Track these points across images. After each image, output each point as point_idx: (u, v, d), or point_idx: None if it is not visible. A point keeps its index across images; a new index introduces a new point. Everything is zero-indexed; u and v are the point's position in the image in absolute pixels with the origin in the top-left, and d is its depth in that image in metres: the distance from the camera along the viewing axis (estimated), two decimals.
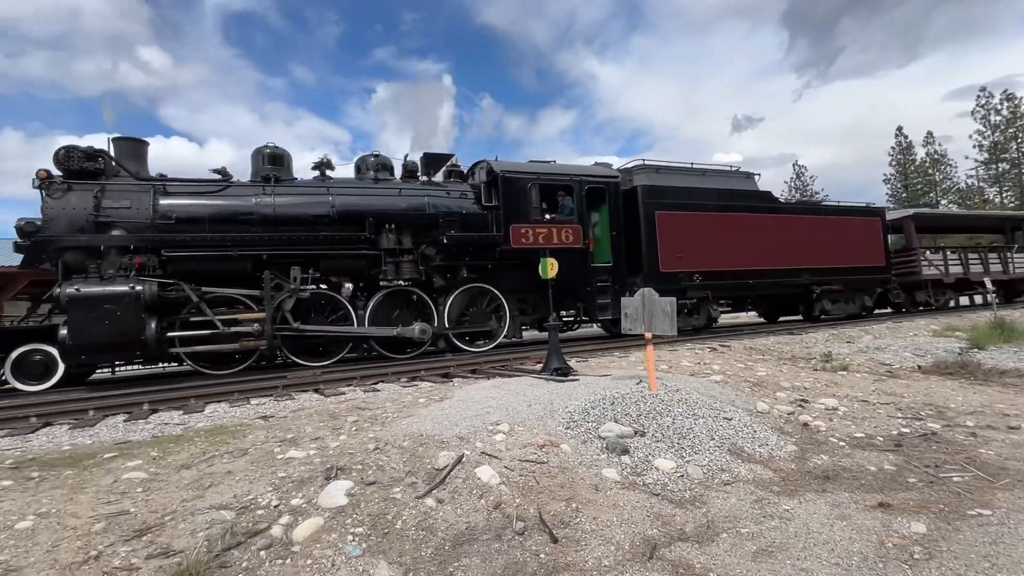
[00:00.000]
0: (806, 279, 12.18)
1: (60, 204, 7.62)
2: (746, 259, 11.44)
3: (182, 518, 2.36)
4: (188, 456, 3.29)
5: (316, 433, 3.68)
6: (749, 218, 11.66)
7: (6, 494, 2.69)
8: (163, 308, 7.57)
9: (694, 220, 11.01)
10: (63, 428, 4.45)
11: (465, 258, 9.28)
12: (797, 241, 12.07)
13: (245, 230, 8.23)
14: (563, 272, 9.43)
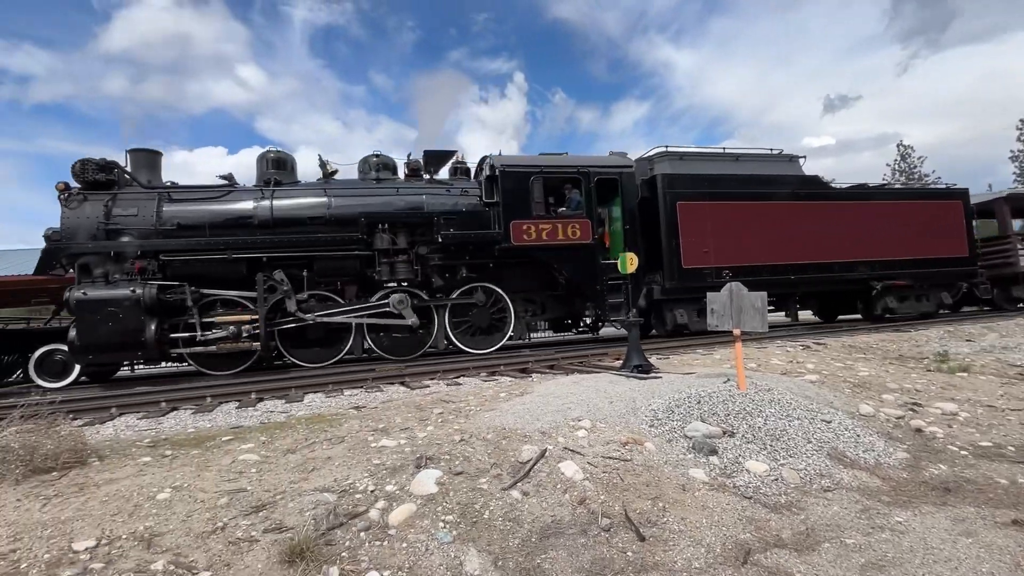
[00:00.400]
0: (863, 273, 10.81)
1: (76, 214, 8.16)
2: (786, 252, 10.38)
3: (291, 498, 2.57)
4: (292, 441, 3.57)
5: (405, 424, 3.86)
6: (791, 206, 10.57)
7: (147, 468, 3.07)
8: (164, 310, 7.94)
9: (723, 210, 10.09)
10: (187, 412, 4.99)
11: (465, 257, 9.11)
12: (850, 230, 10.81)
13: (245, 234, 8.42)
14: (570, 270, 9.35)
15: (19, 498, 2.66)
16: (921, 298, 11.52)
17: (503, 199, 9.02)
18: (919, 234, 11.31)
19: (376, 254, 8.81)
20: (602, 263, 9.36)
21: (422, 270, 9.01)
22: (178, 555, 2.08)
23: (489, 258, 9.17)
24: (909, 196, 12.04)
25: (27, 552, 2.11)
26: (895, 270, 11.09)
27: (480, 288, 9.27)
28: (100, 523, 2.34)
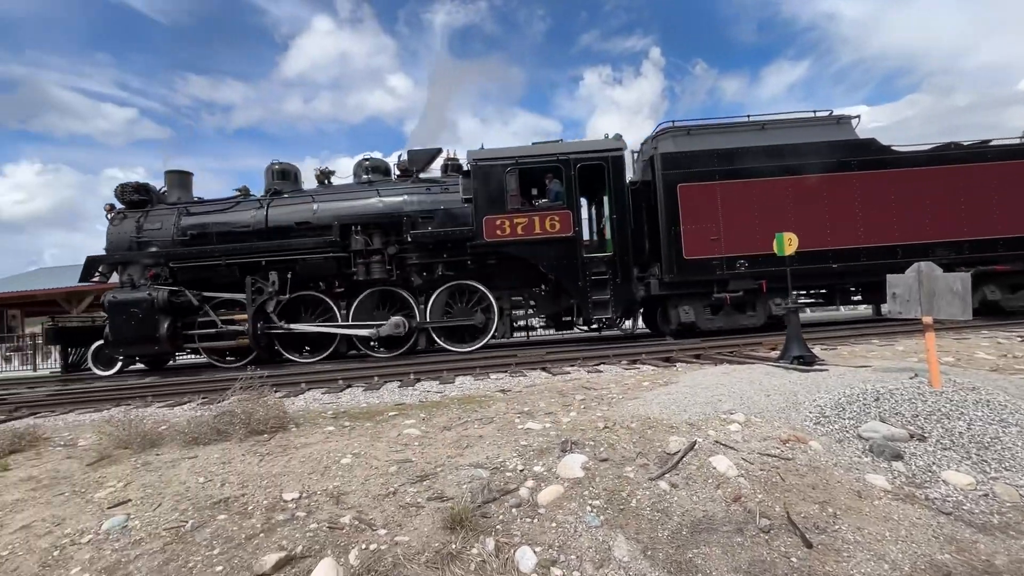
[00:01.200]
0: (943, 257, 8.53)
1: (117, 229, 9.48)
2: (828, 235, 8.59)
3: (449, 471, 2.81)
4: (447, 419, 3.88)
5: (549, 408, 3.98)
6: (835, 179, 8.67)
7: (332, 436, 3.57)
8: (177, 311, 8.95)
9: (739, 189, 8.65)
10: (359, 389, 5.67)
11: (443, 255, 9.01)
12: (923, 204, 8.64)
13: (243, 241, 9.15)
14: (549, 265, 8.78)
15: (243, 453, 3.28)
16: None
17: (476, 194, 8.83)
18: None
19: (352, 255, 9.10)
20: (585, 257, 8.78)
21: (398, 269, 9.16)
22: (360, 512, 2.40)
23: (467, 256, 9.01)
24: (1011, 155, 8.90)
25: (251, 497, 2.59)
26: (994, 251, 8.64)
27: (464, 286, 9.23)
28: (301, 479, 2.78)
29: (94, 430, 4.28)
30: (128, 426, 3.67)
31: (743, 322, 8.83)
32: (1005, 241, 8.64)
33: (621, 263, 8.82)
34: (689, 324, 8.82)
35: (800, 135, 8.98)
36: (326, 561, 2.04)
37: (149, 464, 3.19)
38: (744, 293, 8.67)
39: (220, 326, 9.14)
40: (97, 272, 9.90)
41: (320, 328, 9.19)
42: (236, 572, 2.02)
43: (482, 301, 9.25)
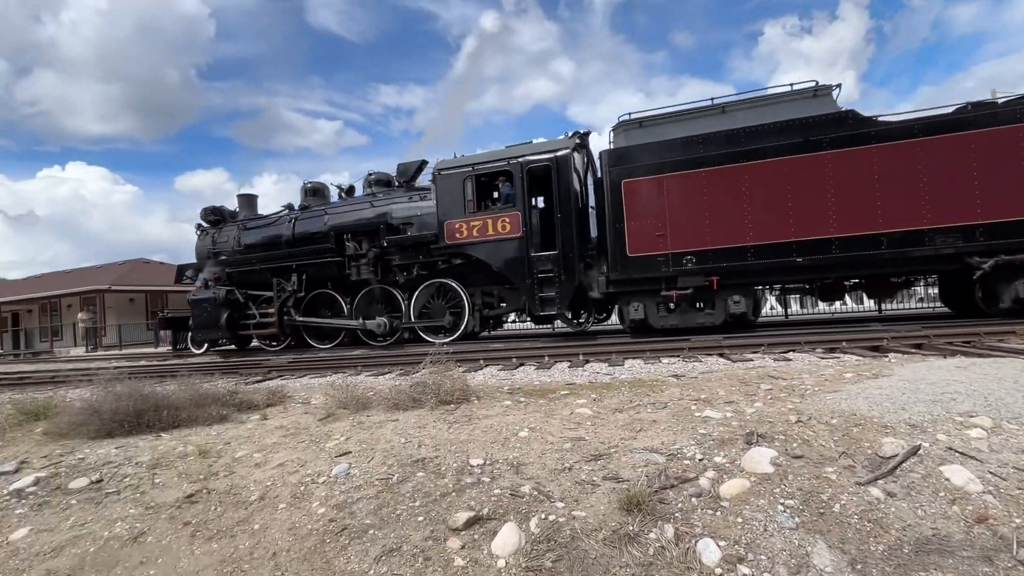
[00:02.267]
0: (946, 246, 7.04)
1: (201, 242, 12.24)
2: (791, 225, 7.52)
3: (622, 453, 2.79)
4: (618, 402, 3.86)
5: (729, 397, 3.70)
6: (799, 162, 7.49)
7: (510, 410, 3.80)
8: (233, 306, 11.35)
9: (687, 182, 7.99)
10: (531, 368, 5.93)
11: (419, 257, 9.95)
12: (915, 183, 7.10)
13: (280, 249, 11.16)
14: (500, 264, 9.21)
15: (434, 420, 3.67)
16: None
17: (438, 200, 9.63)
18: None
19: (346, 259, 10.57)
20: (532, 255, 8.99)
21: (383, 270, 10.38)
22: (539, 484, 2.52)
23: (439, 257, 9.85)
24: None
25: (443, 459, 2.89)
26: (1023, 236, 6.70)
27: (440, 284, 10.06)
28: (484, 448, 3.02)
29: (322, 392, 5.17)
30: (346, 390, 4.37)
31: (700, 320, 8.25)
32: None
33: (566, 261, 8.88)
34: (640, 321, 8.48)
35: (767, 114, 7.86)
36: (509, 525, 2.18)
37: (362, 423, 3.75)
38: (695, 290, 8.05)
39: (258, 318, 11.38)
40: (185, 276, 12.86)
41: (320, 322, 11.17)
42: (434, 523, 2.28)
43: (456, 297, 9.96)
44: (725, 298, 8.04)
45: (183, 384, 4.75)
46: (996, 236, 6.89)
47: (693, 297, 8.19)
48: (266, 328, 11.28)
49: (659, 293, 8.28)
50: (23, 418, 4.67)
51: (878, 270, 7.55)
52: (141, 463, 3.28)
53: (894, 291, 8.43)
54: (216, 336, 11.78)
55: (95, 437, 3.93)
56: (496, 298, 10.00)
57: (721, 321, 8.14)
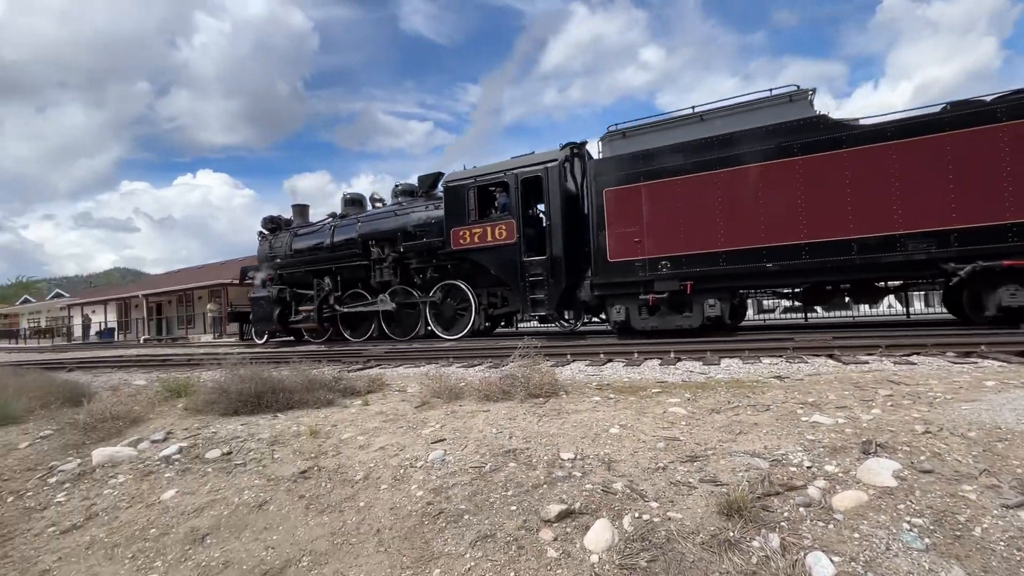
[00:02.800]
0: (915, 251, 6.67)
1: (261, 247, 14.20)
2: (762, 231, 7.50)
3: (720, 456, 2.67)
4: (715, 402, 3.68)
5: (840, 401, 3.41)
6: (770, 168, 7.45)
7: (599, 407, 3.76)
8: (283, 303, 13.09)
9: (662, 190, 8.25)
10: (620, 364, 5.82)
11: (432, 260, 10.93)
12: (888, 187, 6.78)
13: (321, 254, 12.75)
14: (497, 268, 9.89)
15: (524, 413, 3.72)
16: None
17: (446, 210, 10.54)
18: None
19: (371, 263, 11.78)
20: (524, 260, 9.57)
21: (403, 272, 11.50)
22: (631, 482, 2.48)
23: (448, 261, 10.77)
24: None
25: (534, 452, 2.93)
26: (1001, 241, 6.28)
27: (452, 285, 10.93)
28: (574, 442, 3.02)
29: (416, 381, 5.43)
30: (439, 380, 4.55)
31: (678, 323, 8.41)
32: (1019, 228, 6.31)
33: (554, 265, 9.38)
34: (623, 323, 8.75)
35: (744, 121, 7.88)
36: (602, 521, 2.17)
37: (455, 413, 3.89)
38: (671, 294, 8.26)
39: (303, 313, 12.86)
40: (248, 276, 14.73)
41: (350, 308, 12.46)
42: (526, 513, 2.32)
43: (466, 298, 10.73)
44: (701, 302, 8.17)
45: (295, 370, 5.19)
46: (972, 242, 6.55)
47: (671, 300, 8.38)
48: (308, 322, 12.86)
49: (638, 296, 8.54)
50: (168, 395, 5.35)
51: (849, 276, 7.45)
52: (262, 439, 3.64)
53: (879, 296, 8.16)
54: (270, 328, 13.78)
55: (224, 414, 4.41)
56: (499, 299, 10.64)
57: (699, 324, 8.27)
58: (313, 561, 2.24)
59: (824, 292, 7.96)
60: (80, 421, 4.27)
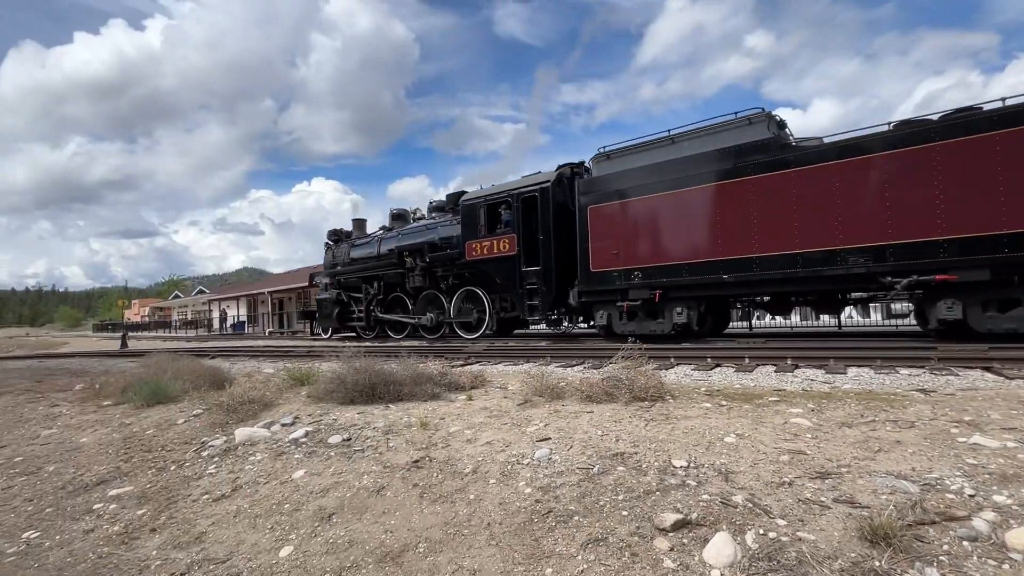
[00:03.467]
0: (854, 265, 7.05)
1: (326, 257, 16.06)
2: (720, 245, 8.08)
3: (857, 475, 2.40)
4: (845, 415, 3.34)
5: (1008, 422, 2.94)
6: (726, 187, 8.02)
7: (710, 413, 3.56)
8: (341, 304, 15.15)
9: (637, 207, 8.96)
10: (730, 370, 5.49)
11: (453, 269, 12.13)
12: (831, 205, 7.21)
13: (370, 263, 14.53)
14: (501, 277, 11.09)
15: (629, 416, 3.62)
16: None
17: (462, 225, 11.82)
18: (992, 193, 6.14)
19: (406, 271, 13.33)
20: (523, 270, 10.53)
21: (430, 279, 12.90)
22: (752, 496, 2.31)
23: (465, 270, 11.97)
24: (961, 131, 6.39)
25: (643, 457, 2.83)
26: (934, 257, 6.54)
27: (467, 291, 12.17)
28: (686, 449, 2.88)
29: (516, 378, 5.50)
30: (540, 379, 4.56)
31: (652, 328, 9.03)
32: (949, 243, 6.42)
33: (546, 275, 10.33)
34: (605, 327, 9.63)
35: (708, 143, 8.49)
36: (723, 535, 2.04)
37: (558, 412, 3.88)
38: (644, 302, 8.95)
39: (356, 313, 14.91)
40: (315, 281, 17.21)
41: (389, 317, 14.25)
42: (639, 520, 2.24)
43: (482, 302, 11.86)
44: (671, 310, 8.76)
45: (404, 364, 5.47)
46: (907, 256, 6.77)
47: (646, 307, 9.05)
48: (360, 321, 14.88)
49: (616, 303, 9.34)
50: (293, 382, 5.88)
51: (796, 288, 7.81)
52: (377, 428, 3.87)
53: (840, 307, 8.56)
54: (331, 326, 15.89)
55: (342, 403, 4.75)
56: (509, 304, 11.56)
57: (670, 329, 8.81)
58: (429, 548, 2.33)
59: (789, 303, 8.50)
60: (224, 403, 4.82)
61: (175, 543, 2.72)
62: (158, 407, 5.49)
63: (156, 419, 5.06)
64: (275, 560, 2.42)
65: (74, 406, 6.33)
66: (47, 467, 4.30)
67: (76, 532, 3.03)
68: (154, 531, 2.89)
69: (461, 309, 12.33)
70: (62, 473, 4.09)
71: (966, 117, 6.60)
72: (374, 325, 14.62)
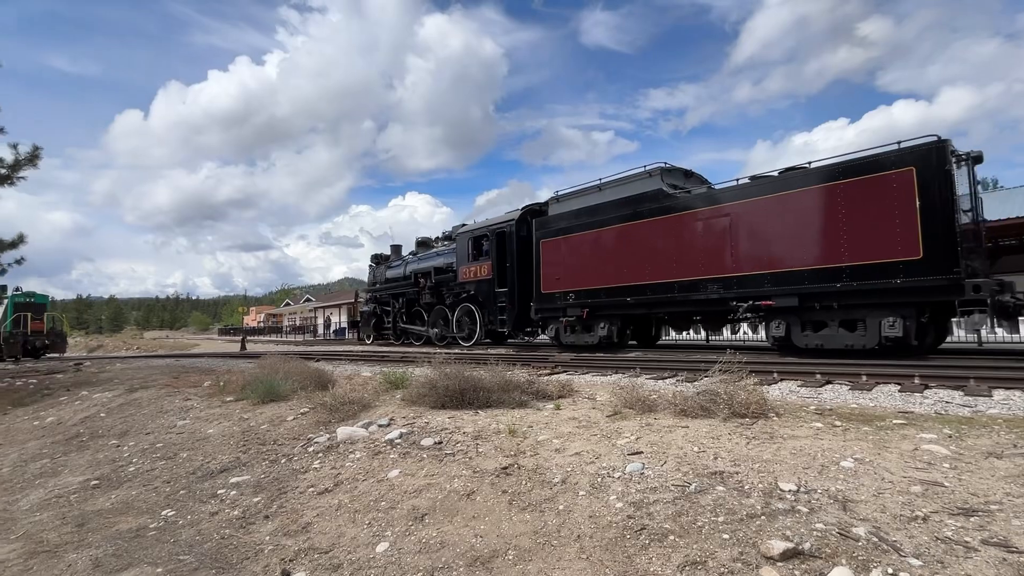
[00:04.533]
0: (711, 292, 8.76)
1: (369, 276, 18.96)
2: (625, 274, 10.12)
3: (1013, 513, 2.07)
4: (992, 443, 2.90)
5: None
6: (626, 228, 10.18)
7: (822, 434, 3.25)
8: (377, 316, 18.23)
9: (573, 241, 11.13)
10: (843, 387, 4.99)
11: (453, 289, 14.69)
12: (694, 244, 9.07)
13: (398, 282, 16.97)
14: (482, 297, 13.75)
15: (728, 432, 3.39)
16: (849, 325, 7.48)
17: (456, 252, 14.57)
18: (816, 233, 7.66)
19: (420, 290, 15.89)
20: (496, 291, 13.09)
21: (437, 297, 15.33)
22: (877, 528, 2.06)
23: (460, 290, 14.39)
24: (797, 183, 7.97)
25: (745, 477, 2.63)
26: (761, 287, 8.12)
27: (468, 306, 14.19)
28: (794, 472, 2.63)
29: (604, 389, 5.37)
30: (631, 391, 4.42)
31: (586, 339, 10.96)
32: (771, 276, 8.09)
33: (511, 295, 12.69)
34: (554, 338, 11.88)
35: (620, 191, 10.54)
36: (843, 570, 1.83)
37: (650, 425, 3.73)
38: (577, 318, 10.97)
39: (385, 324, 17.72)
40: (359, 296, 20.94)
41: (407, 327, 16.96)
42: (742, 544, 2.08)
43: (475, 316, 13.92)
44: (597, 325, 10.72)
45: (492, 371, 5.55)
46: (746, 286, 8.35)
47: (580, 323, 11.01)
48: (388, 330, 17.73)
49: (559, 319, 11.43)
50: (388, 386, 6.16)
51: (675, 309, 9.62)
52: (467, 433, 3.94)
53: (722, 325, 10.01)
54: (369, 333, 18.88)
55: (433, 407, 4.90)
56: (494, 318, 13.41)
57: (597, 341, 10.71)
58: (518, 556, 2.32)
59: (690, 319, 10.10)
60: (327, 403, 5.16)
61: (285, 531, 2.93)
62: (271, 404, 5.99)
63: (269, 415, 5.53)
64: (372, 555, 2.52)
65: (203, 400, 7.08)
66: (181, 454, 4.84)
67: (203, 513, 3.37)
68: (267, 518, 3.14)
69: (460, 321, 14.55)
70: (193, 460, 4.58)
71: (774, 178, 8.35)
72: (399, 334, 17.30)
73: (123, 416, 6.97)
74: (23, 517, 3.91)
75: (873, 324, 7.13)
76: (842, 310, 7.49)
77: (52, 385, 10.56)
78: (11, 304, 20.97)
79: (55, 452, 5.82)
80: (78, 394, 9.11)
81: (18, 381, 11.65)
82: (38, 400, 9.20)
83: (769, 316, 8.26)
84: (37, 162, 11.02)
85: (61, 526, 3.55)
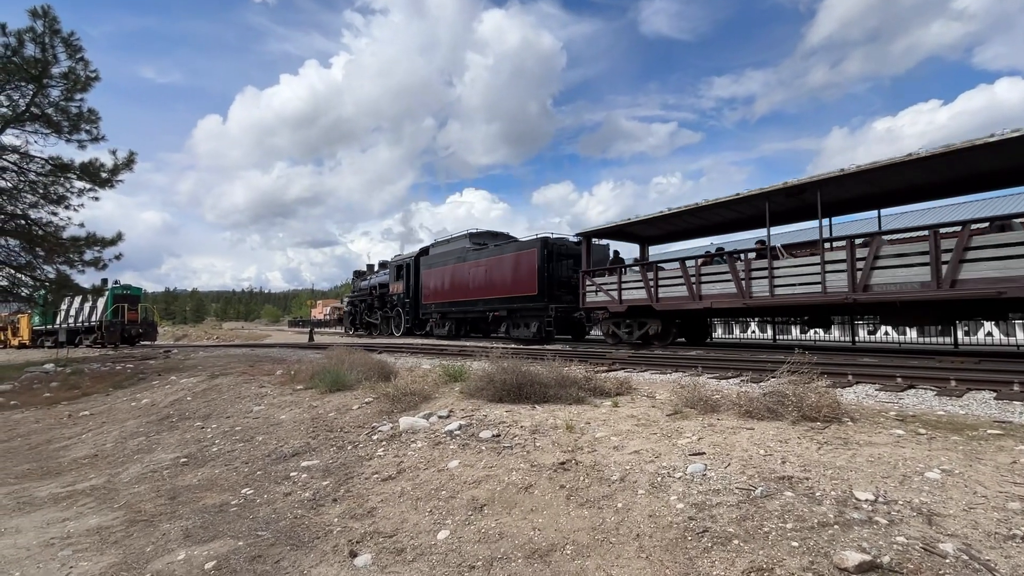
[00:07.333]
0: (482, 307, 16.34)
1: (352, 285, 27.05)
2: (468, 291, 16.83)
3: None
4: None
5: None
6: (464, 265, 17.13)
7: (904, 442, 3.03)
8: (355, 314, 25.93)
9: (435, 272, 18.55)
10: (928, 393, 4.63)
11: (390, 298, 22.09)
12: (479, 277, 16.41)
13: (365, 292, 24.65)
14: (399, 304, 21.05)
15: (797, 436, 3.23)
16: (520, 325, 15.22)
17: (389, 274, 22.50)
18: (510, 278, 15.22)
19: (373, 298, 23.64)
20: (404, 300, 20.61)
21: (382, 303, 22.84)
22: (968, 546, 1.91)
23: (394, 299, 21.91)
24: (511, 249, 15.66)
25: (816, 483, 2.51)
26: (497, 306, 15.73)
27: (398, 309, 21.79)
28: (872, 480, 2.48)
29: (664, 388, 5.25)
30: (693, 390, 4.30)
31: (441, 333, 18.60)
32: (498, 300, 15.65)
33: (409, 303, 20.40)
34: (428, 332, 19.43)
35: (454, 244, 18.92)
36: None
37: (713, 426, 3.61)
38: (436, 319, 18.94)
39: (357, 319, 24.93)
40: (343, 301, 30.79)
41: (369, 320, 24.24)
42: (812, 554, 1.99)
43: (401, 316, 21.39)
44: (444, 324, 18.51)
45: (548, 367, 5.55)
46: (490, 304, 15.99)
47: (439, 323, 18.71)
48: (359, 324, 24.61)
49: (430, 320, 19.15)
50: (447, 379, 6.30)
51: (474, 316, 17.27)
52: (524, 427, 3.97)
53: (497, 326, 17.04)
54: (349, 326, 25.99)
55: (491, 400, 4.97)
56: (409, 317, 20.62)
57: (446, 333, 18.33)
58: (576, 551, 2.32)
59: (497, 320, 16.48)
60: (390, 394, 5.35)
61: (351, 514, 3.07)
62: (337, 393, 6.28)
63: (336, 403, 5.80)
64: (433, 541, 2.60)
65: (275, 388, 7.53)
66: (257, 437, 5.17)
67: (278, 493, 3.59)
68: (335, 501, 3.30)
69: (393, 319, 21.80)
70: (267, 443, 4.88)
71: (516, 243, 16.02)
72: (365, 326, 24.23)
73: (206, 400, 7.53)
74: (124, 488, 4.31)
75: (532, 324, 14.68)
76: (521, 316, 15.16)
77: (146, 370, 11.56)
78: (111, 296, 23.09)
79: (149, 431, 6.38)
80: (168, 379, 9.93)
81: (118, 366, 12.83)
82: (135, 383, 10.10)
83: (499, 319, 16.11)
84: (132, 166, 12.05)
85: (156, 498, 3.90)
